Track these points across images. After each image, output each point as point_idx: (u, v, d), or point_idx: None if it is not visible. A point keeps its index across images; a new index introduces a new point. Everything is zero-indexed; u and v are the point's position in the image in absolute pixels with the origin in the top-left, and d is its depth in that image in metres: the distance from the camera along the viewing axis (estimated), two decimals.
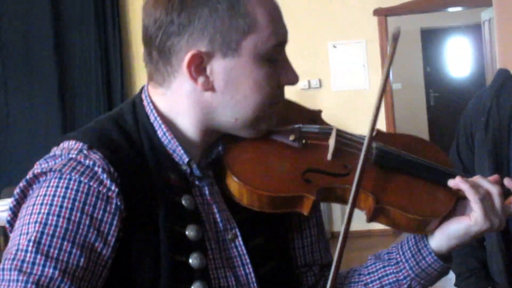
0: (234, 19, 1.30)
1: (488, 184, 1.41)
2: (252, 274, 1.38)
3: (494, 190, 1.41)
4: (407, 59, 12.56)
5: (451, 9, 9.93)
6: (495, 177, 1.47)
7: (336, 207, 8.09)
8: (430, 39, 13.27)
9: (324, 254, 1.56)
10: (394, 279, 1.46)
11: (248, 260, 1.38)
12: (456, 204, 1.44)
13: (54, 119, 7.75)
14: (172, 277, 1.28)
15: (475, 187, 1.40)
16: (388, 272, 1.47)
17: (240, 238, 1.39)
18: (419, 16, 11.38)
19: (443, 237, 1.42)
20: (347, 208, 1.34)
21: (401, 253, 1.47)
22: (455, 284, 2.59)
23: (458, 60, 13.45)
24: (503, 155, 2.23)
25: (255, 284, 1.38)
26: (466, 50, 13.36)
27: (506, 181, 1.48)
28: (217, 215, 1.38)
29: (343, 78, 8.08)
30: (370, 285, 1.49)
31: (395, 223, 1.41)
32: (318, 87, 8.11)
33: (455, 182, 1.42)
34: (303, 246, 1.53)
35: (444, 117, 12.76)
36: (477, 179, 1.43)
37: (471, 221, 1.39)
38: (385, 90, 1.46)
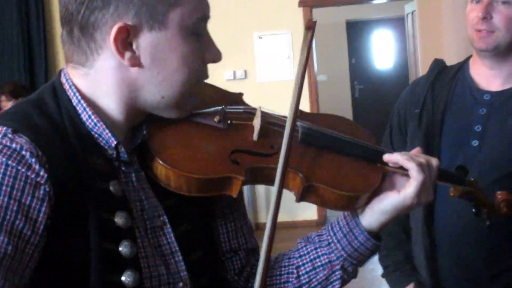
0: None
1: (427, 157, 1.44)
2: (182, 262, 1.36)
3: (434, 163, 1.44)
4: (333, 51, 12.70)
5: (375, 2, 10.09)
6: (417, 149, 1.50)
7: (260, 199, 8.12)
8: (355, 31, 13.44)
9: (249, 239, 1.55)
10: (327, 260, 1.46)
11: (177, 248, 1.36)
12: (383, 180, 1.45)
13: None
14: (102, 266, 1.23)
15: (418, 162, 1.41)
16: (320, 253, 1.47)
17: (168, 226, 1.37)
18: (344, 8, 11.51)
19: (373, 214, 1.43)
20: (275, 187, 1.32)
21: (332, 234, 1.47)
22: (382, 276, 2.62)
23: (382, 52, 13.66)
24: (434, 149, 2.26)
25: (185, 272, 1.36)
26: (390, 42, 13.59)
27: None
28: (145, 202, 1.35)
29: (268, 69, 8.11)
30: (302, 267, 1.48)
31: (325, 200, 1.40)
32: (244, 78, 8.11)
33: (395, 158, 1.44)
34: (227, 232, 1.52)
35: (368, 109, 12.97)
36: (416, 152, 1.46)
37: (399, 196, 1.40)
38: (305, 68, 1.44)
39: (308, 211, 8.13)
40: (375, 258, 2.54)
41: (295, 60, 7.96)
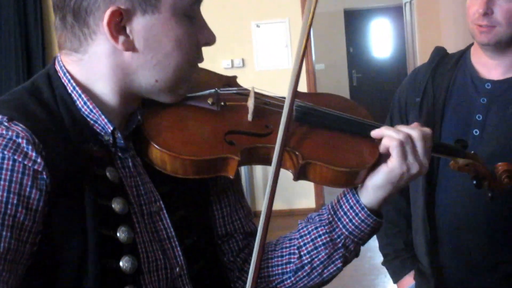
0: None
1: (407, 129, 1.43)
2: (178, 248, 1.37)
3: (414, 134, 1.42)
4: (330, 39, 12.69)
5: None
6: (415, 124, 1.49)
7: (258, 186, 8.12)
8: (353, 20, 13.43)
9: (246, 222, 1.56)
10: (328, 239, 1.46)
11: (173, 233, 1.37)
12: (381, 156, 1.45)
13: None
14: (100, 251, 1.23)
15: (393, 134, 1.41)
16: (321, 232, 1.47)
17: (164, 211, 1.37)
18: None
19: (369, 190, 1.43)
20: (272, 168, 1.32)
21: (332, 212, 1.47)
22: (382, 264, 2.63)
23: (380, 41, 13.65)
24: (435, 137, 2.25)
25: (181, 257, 1.37)
26: (388, 31, 13.58)
27: None
28: (141, 188, 1.36)
29: (266, 58, 8.09)
30: (304, 247, 1.48)
31: (323, 178, 1.41)
32: (241, 67, 8.09)
33: (377, 132, 1.44)
34: (222, 216, 1.53)
35: (366, 97, 12.97)
36: (397, 126, 1.45)
37: (387, 167, 1.40)
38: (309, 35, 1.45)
39: (306, 200, 8.13)
40: (374, 246, 2.55)
41: (293, 48, 7.95)
